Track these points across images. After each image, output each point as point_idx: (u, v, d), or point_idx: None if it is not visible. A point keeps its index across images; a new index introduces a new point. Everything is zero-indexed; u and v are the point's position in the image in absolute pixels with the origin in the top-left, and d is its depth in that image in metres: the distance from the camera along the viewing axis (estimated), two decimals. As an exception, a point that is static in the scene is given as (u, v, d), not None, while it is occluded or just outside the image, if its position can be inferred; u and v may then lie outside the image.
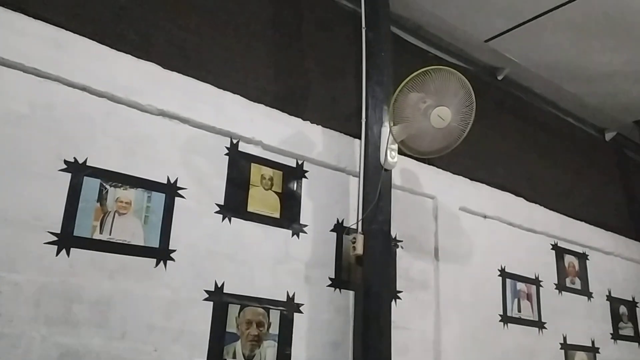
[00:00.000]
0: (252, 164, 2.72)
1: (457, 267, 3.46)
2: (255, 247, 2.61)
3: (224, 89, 2.67)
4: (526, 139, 4.35)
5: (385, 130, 2.94)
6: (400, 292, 3.11)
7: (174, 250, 2.33)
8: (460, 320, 3.35)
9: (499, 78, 4.25)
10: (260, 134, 2.74)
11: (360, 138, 3.00)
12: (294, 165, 2.88)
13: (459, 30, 3.78)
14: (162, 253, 2.30)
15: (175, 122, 2.47)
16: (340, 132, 3.10)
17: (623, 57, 3.95)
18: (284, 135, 2.84)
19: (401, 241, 3.21)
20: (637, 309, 4.70)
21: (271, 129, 2.80)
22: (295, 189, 2.85)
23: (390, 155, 2.90)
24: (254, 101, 2.78)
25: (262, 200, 2.70)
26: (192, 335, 2.30)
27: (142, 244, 2.26)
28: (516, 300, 3.74)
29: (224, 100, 2.64)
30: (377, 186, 2.85)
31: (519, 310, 3.73)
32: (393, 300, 3.03)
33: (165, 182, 2.38)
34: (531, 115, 4.52)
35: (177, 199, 2.40)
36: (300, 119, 2.95)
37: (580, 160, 4.79)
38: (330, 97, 3.17)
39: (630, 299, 4.68)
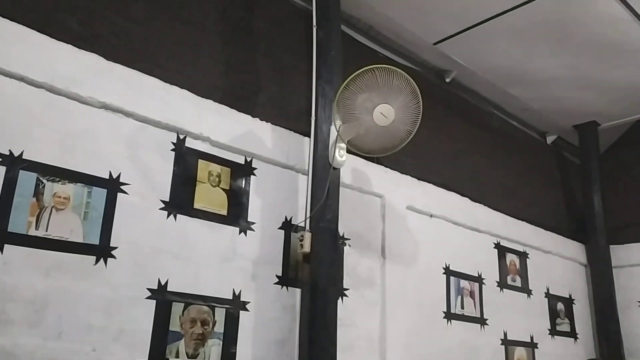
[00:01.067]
0: (200, 160, 2.68)
1: (403, 265, 3.51)
2: (201, 245, 2.57)
3: (172, 83, 2.62)
4: (472, 141, 4.47)
5: (334, 129, 2.96)
6: (347, 289, 3.14)
7: (115, 248, 2.27)
8: (406, 317, 3.41)
9: (447, 80, 4.35)
10: (208, 130, 2.70)
11: (309, 136, 3.01)
12: (243, 162, 2.86)
13: (409, 32, 3.84)
14: (102, 250, 2.23)
15: (118, 115, 2.40)
16: (290, 130, 3.09)
17: (564, 64, 4.12)
18: (232, 132, 2.81)
19: (349, 239, 3.24)
20: (573, 305, 4.91)
21: (220, 125, 2.76)
22: (243, 186, 2.83)
23: (339, 153, 2.91)
24: (203, 96, 2.74)
25: (209, 197, 2.67)
26: (133, 334, 2.25)
27: (80, 240, 2.19)
28: (460, 297, 3.84)
29: (171, 95, 2.59)
30: (325, 184, 2.86)
31: (462, 307, 3.84)
32: (340, 298, 3.06)
33: (107, 177, 2.32)
34: (477, 117, 4.65)
35: (119, 194, 2.34)
36: (249, 116, 2.92)
37: (522, 162, 4.96)
38: (281, 94, 3.16)
39: (567, 296, 4.89)
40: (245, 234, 2.76)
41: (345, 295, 3.12)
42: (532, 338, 4.35)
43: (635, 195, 5.24)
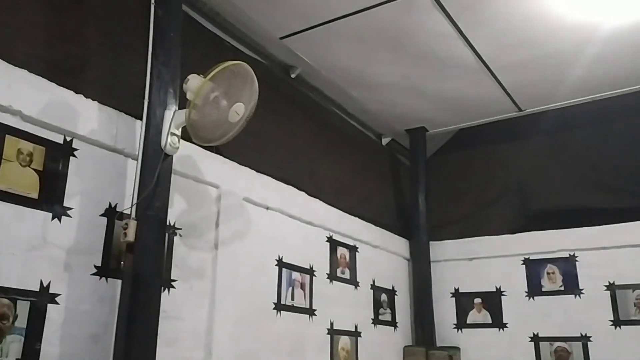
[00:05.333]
0: (7, 136, 2.38)
1: (236, 256, 3.49)
2: (4, 231, 2.30)
3: (-24, 47, 2.30)
4: (312, 137, 4.59)
5: (169, 113, 2.84)
6: (174, 281, 3.03)
7: None
8: (235, 308, 3.39)
9: (292, 76, 4.42)
10: (19, 103, 2.42)
11: (141, 119, 2.84)
12: (61, 141, 2.61)
13: (256, 23, 3.82)
14: None
15: None
16: (120, 111, 2.89)
17: (398, 72, 4.41)
18: (50, 108, 2.55)
19: (180, 229, 3.14)
20: (395, 296, 5.30)
21: (35, 99, 2.49)
22: (60, 168, 2.58)
23: (172, 140, 2.81)
24: (16, 65, 2.44)
25: (17, 177, 2.39)
26: None
27: None
28: (291, 288, 3.93)
29: (-27, 60, 2.27)
30: (155, 171, 2.73)
31: (293, 299, 3.93)
32: (166, 290, 2.95)
33: None
34: (319, 114, 4.79)
35: None
36: (72, 92, 2.67)
37: (359, 161, 5.23)
38: (112, 72, 2.95)
39: (391, 288, 5.26)
40: (60, 220, 2.53)
41: (172, 287, 3.02)
42: (356, 327, 4.61)
43: (455, 196, 5.82)
